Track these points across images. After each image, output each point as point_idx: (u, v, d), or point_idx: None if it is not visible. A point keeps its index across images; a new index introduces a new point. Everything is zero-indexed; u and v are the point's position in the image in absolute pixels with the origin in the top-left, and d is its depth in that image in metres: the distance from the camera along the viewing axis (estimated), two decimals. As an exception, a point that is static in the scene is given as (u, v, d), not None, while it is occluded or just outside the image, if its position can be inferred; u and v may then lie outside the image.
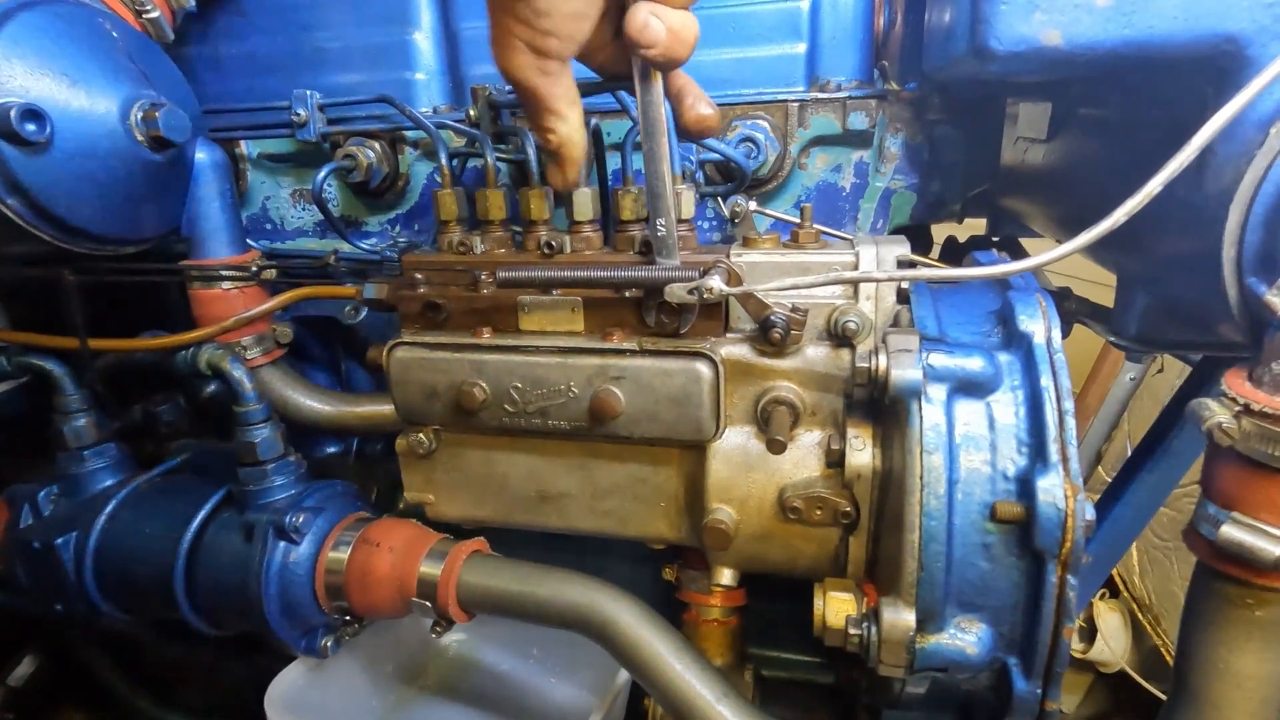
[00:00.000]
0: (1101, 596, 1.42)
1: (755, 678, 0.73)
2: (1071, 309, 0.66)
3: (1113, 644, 1.35)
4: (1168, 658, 1.23)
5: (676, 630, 0.57)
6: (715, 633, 0.70)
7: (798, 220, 0.64)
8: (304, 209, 0.84)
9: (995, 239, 0.92)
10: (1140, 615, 1.33)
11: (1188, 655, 0.45)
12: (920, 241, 0.93)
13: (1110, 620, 1.39)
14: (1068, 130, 0.67)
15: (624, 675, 0.71)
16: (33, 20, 0.52)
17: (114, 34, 0.57)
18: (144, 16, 0.63)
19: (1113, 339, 0.60)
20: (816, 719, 0.67)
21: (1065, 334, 0.79)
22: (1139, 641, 1.37)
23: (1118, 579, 1.41)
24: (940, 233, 0.97)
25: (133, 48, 0.59)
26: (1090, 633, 1.40)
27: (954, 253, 0.90)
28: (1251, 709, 0.42)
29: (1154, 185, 0.37)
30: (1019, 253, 0.85)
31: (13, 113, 0.50)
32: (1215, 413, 0.40)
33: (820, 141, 0.68)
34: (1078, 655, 1.40)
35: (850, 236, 0.63)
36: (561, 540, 0.66)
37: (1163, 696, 1.21)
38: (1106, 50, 0.41)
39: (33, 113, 0.51)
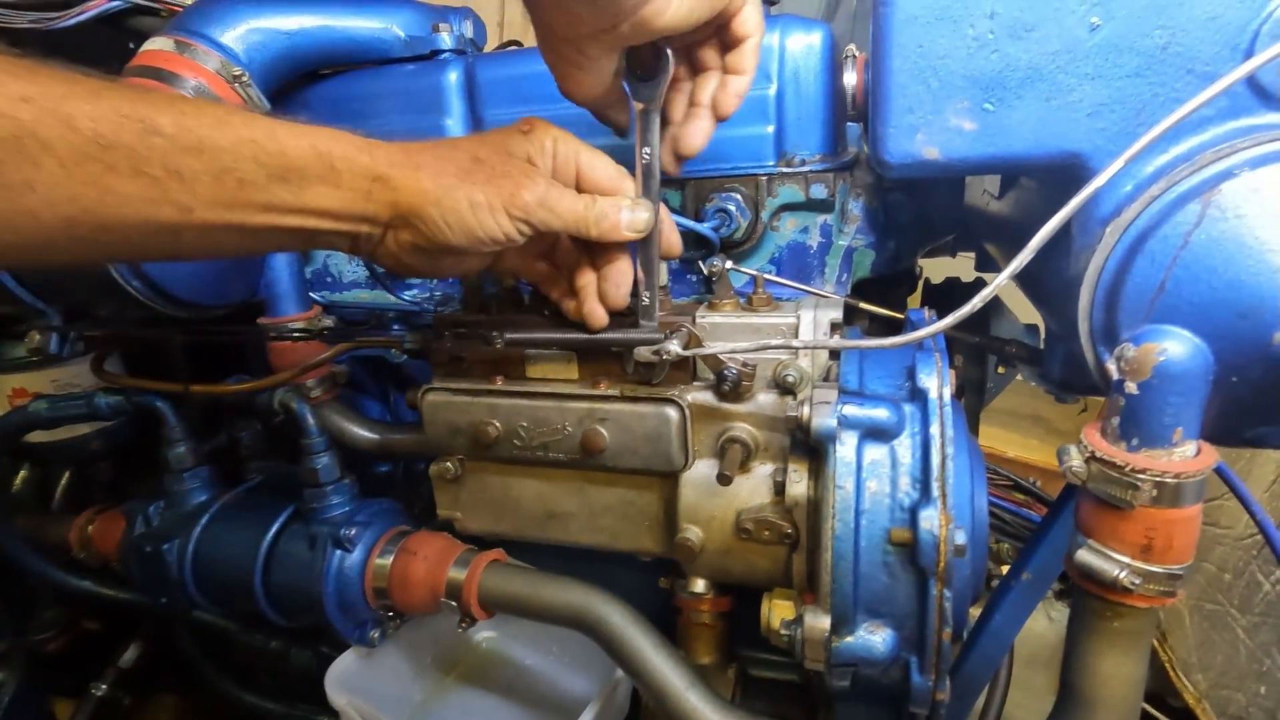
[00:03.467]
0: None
1: (741, 674, 0.83)
2: (1012, 353, 0.74)
3: (1122, 659, 1.38)
4: (1172, 674, 1.26)
5: (656, 628, 0.68)
6: (704, 634, 0.79)
7: (772, 278, 0.74)
8: (358, 265, 0.98)
9: (978, 274, 1.01)
10: (1150, 632, 1.36)
11: (1068, 658, 0.53)
12: (904, 282, 1.02)
13: (1123, 636, 1.42)
14: (1013, 191, 0.76)
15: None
16: (151, 143, 0.68)
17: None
18: (231, 125, 0.78)
19: (1040, 382, 0.68)
20: (788, 710, 0.76)
21: (1009, 378, 0.87)
22: (1151, 659, 1.40)
23: (1131, 596, 1.44)
24: (944, 266, 1.05)
25: (223, 154, 0.74)
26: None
27: (932, 296, 0.98)
28: (1114, 704, 0.50)
29: (1002, 279, 0.47)
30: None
31: (137, 218, 0.65)
32: (1073, 457, 0.49)
33: (788, 208, 0.77)
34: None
35: (817, 291, 0.73)
36: (579, 552, 0.77)
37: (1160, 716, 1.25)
38: (976, 163, 0.51)
39: (152, 217, 0.66)
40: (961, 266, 1.06)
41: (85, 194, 0.39)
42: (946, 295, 0.98)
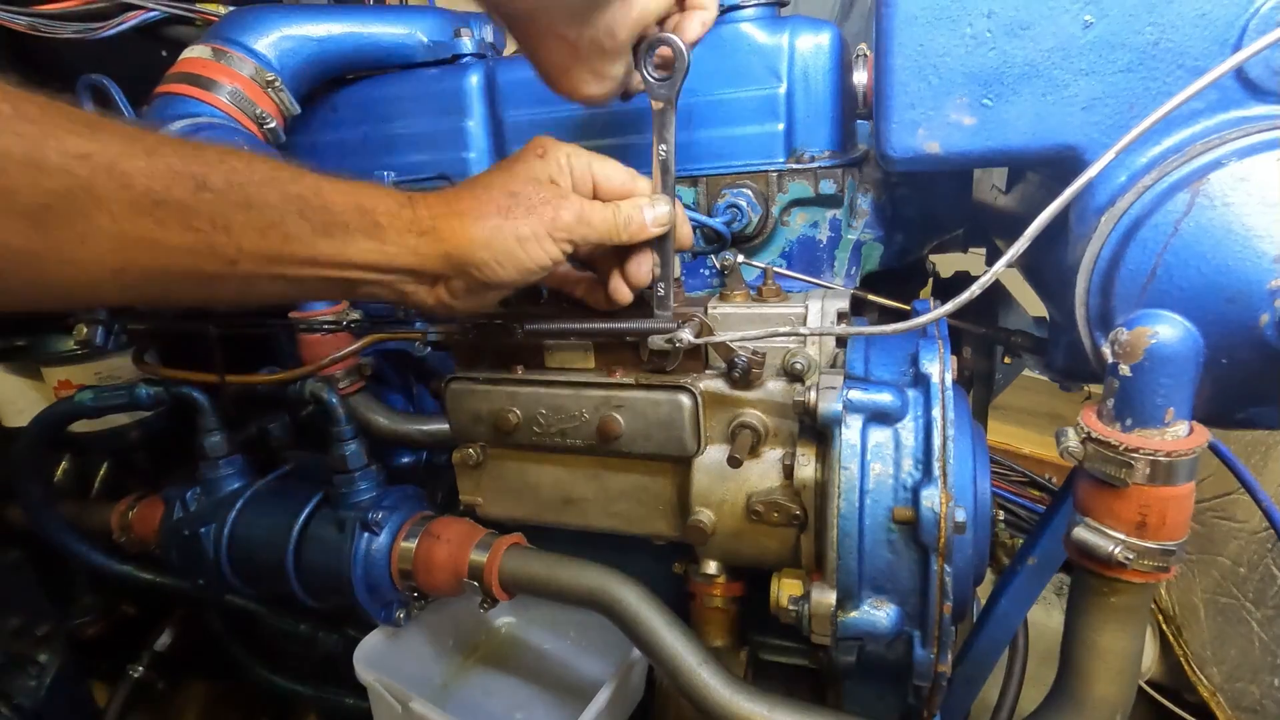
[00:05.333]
0: (1130, 608, 1.45)
1: (752, 658, 0.85)
2: (1017, 343, 0.75)
3: (1137, 654, 1.38)
4: (1187, 669, 1.26)
5: (669, 608, 0.70)
6: (717, 618, 0.82)
7: (782, 270, 0.77)
8: (383, 262, 1.02)
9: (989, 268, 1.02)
10: (1165, 626, 1.36)
11: (1067, 633, 0.55)
12: (915, 277, 1.04)
13: (1139, 631, 1.42)
14: (1019, 185, 0.77)
15: (637, 652, 0.84)
16: (191, 146, 0.72)
17: (245, 148, 0.76)
18: (265, 127, 0.82)
19: (1044, 371, 0.70)
20: (798, 690, 0.78)
21: (1018, 369, 0.89)
22: (1167, 653, 1.40)
23: (1146, 591, 1.44)
24: (957, 260, 1.07)
25: (257, 156, 0.77)
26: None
27: (942, 289, 1.00)
28: (1111, 678, 0.52)
29: (999, 266, 0.49)
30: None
31: (179, 216, 0.69)
32: (1070, 438, 0.51)
33: (798, 203, 0.80)
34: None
35: (824, 283, 0.76)
36: (596, 539, 0.80)
37: (1176, 709, 1.25)
38: (976, 156, 0.53)
39: (192, 215, 0.70)
40: (973, 261, 1.07)
41: (134, 246, 0.41)
42: (956, 289, 1.00)
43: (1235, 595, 1.18)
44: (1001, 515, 1.56)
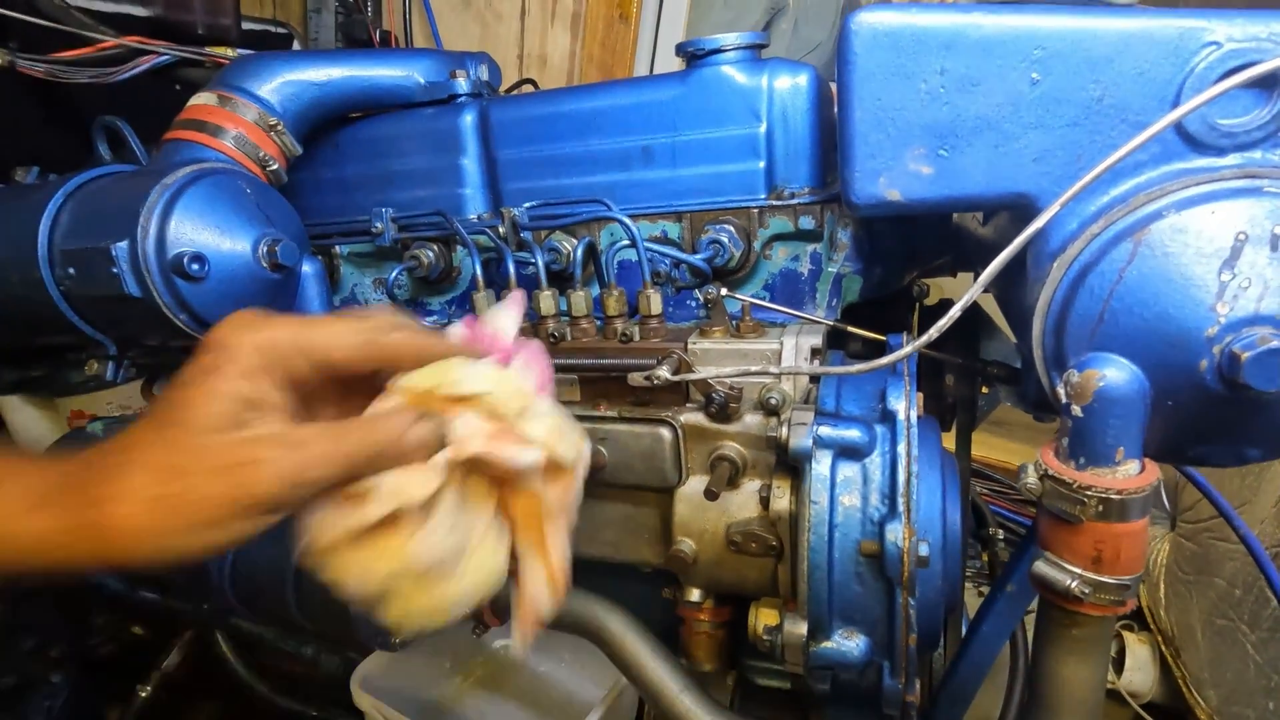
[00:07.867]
0: (1130, 628, 1.45)
1: (741, 681, 0.86)
2: (993, 373, 0.77)
3: (1137, 675, 1.38)
4: (1186, 692, 1.26)
5: (654, 635, 0.72)
6: (705, 642, 0.83)
7: (761, 303, 0.79)
8: (383, 293, 1.06)
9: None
10: (1164, 648, 1.36)
11: (1033, 665, 0.56)
12: (903, 301, 1.06)
13: (1139, 652, 1.42)
14: (995, 217, 0.80)
15: (628, 675, 0.86)
16: (198, 191, 0.75)
17: (248, 190, 0.80)
18: (268, 169, 0.86)
19: (1017, 402, 0.72)
20: (783, 715, 0.80)
21: (996, 399, 0.90)
22: (1167, 675, 1.39)
23: (1146, 612, 1.44)
24: (947, 283, 1.09)
25: (260, 198, 0.81)
26: (1119, 664, 1.43)
27: (927, 315, 1.01)
28: (1074, 707, 0.53)
29: (955, 311, 0.51)
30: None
31: (185, 258, 0.72)
32: (1029, 475, 0.53)
33: (779, 238, 0.82)
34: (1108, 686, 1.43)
35: (803, 315, 0.78)
36: (591, 565, 0.82)
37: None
38: (934, 202, 0.55)
39: (198, 257, 0.73)
40: (961, 285, 1.09)
41: None
42: (941, 315, 1.02)
43: (1231, 617, 1.18)
44: (1001, 534, 1.57)
